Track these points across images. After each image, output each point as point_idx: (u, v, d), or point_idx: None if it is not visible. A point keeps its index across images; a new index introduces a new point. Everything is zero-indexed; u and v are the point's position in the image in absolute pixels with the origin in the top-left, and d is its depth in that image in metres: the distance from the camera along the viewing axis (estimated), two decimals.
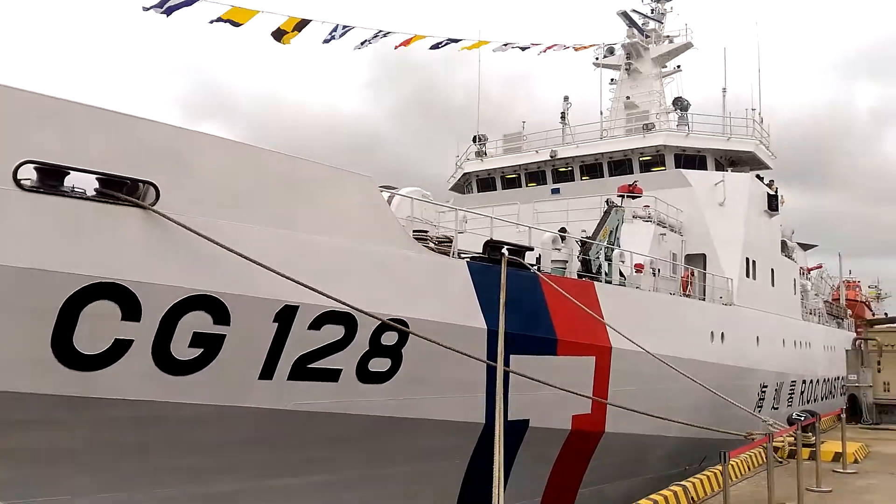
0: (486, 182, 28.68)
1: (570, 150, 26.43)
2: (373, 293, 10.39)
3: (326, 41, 18.38)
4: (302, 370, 10.17)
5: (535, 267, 14.67)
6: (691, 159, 25.05)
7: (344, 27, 18.66)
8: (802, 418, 13.65)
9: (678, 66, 32.54)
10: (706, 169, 25.09)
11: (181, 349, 9.00)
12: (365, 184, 10.56)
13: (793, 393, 28.30)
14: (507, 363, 13.01)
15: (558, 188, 25.75)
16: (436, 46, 22.49)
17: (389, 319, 10.58)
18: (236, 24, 16.38)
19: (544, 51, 27.56)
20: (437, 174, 30.77)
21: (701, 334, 19.50)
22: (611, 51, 33.16)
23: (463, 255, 13.17)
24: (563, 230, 18.03)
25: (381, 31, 19.72)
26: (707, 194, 23.70)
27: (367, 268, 10.50)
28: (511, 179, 28.08)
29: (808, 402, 30.68)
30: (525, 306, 13.39)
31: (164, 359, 8.94)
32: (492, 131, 29.64)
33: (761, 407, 24.65)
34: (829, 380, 34.23)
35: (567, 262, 16.38)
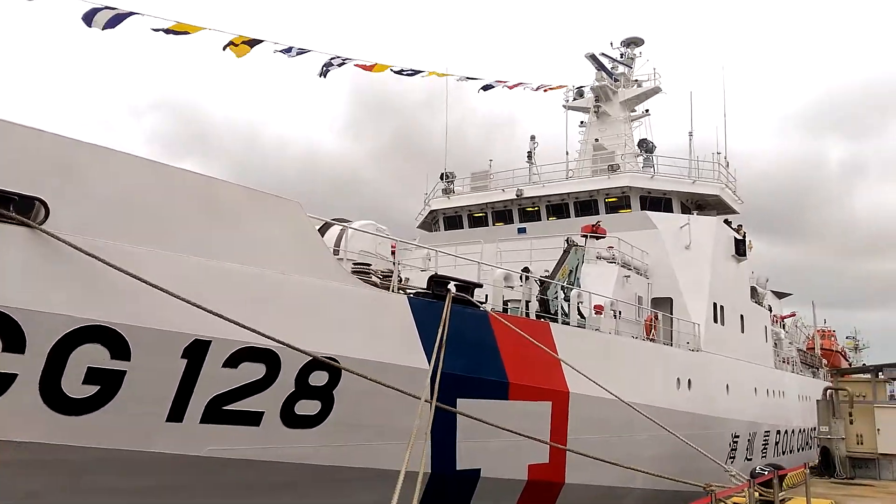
0: (452, 220, 28.09)
1: (536, 189, 25.97)
2: (299, 329, 9.53)
3: (284, 51, 17.83)
4: (217, 412, 9.23)
5: (489, 306, 13.89)
6: (657, 202, 24.64)
7: (299, 49, 18.13)
8: (766, 472, 12.78)
9: (646, 111, 32.51)
10: (672, 212, 24.67)
11: (74, 386, 8.07)
12: (291, 209, 9.79)
13: (767, 444, 27.47)
14: (453, 406, 12.16)
15: (524, 228, 25.17)
16: (399, 72, 22.04)
17: (318, 357, 9.72)
18: (179, 33, 15.87)
19: (511, 88, 27.24)
20: (416, 214, 30.07)
21: (666, 381, 18.73)
22: (580, 93, 33.13)
23: (407, 291, 12.38)
24: (526, 269, 17.37)
25: (337, 56, 19.20)
26: (673, 237, 23.22)
27: (292, 301, 9.66)
28: (478, 218, 27.52)
29: (783, 453, 29.84)
30: (473, 346, 12.58)
31: (54, 396, 7.99)
32: (466, 171, 29.24)
33: (733, 458, 23.76)
34: (804, 430, 33.44)
35: (528, 301, 15.68)
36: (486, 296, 13.74)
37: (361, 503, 11.31)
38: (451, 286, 12.43)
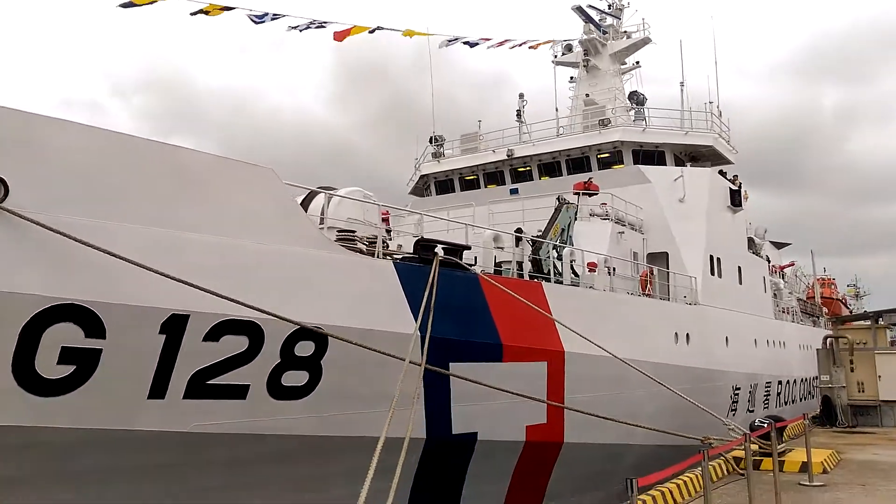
0: (444, 184, 27.73)
1: (526, 148, 25.57)
2: (280, 299, 9.29)
3: (256, 23, 17.36)
4: (200, 387, 9.03)
5: (480, 268, 13.66)
6: (650, 155, 24.26)
7: (274, 15, 17.64)
8: (765, 424, 12.63)
9: (637, 63, 31.95)
10: (665, 165, 24.30)
11: (48, 366, 7.84)
12: (265, 176, 9.47)
13: (769, 395, 27.46)
14: (446, 370, 12.00)
15: (517, 188, 24.82)
16: (375, 30, 21.47)
17: (302, 327, 9.49)
18: (143, 5, 15.43)
19: (497, 46, 26.65)
20: (407, 180, 29.66)
21: (664, 336, 18.57)
22: (569, 48, 32.48)
23: (394, 256, 12.13)
24: (519, 230, 17.09)
25: (314, 20, 18.70)
26: (667, 191, 22.88)
27: (271, 271, 9.39)
28: (470, 181, 27.16)
29: (785, 403, 29.88)
30: (464, 310, 12.36)
31: (28, 378, 7.77)
32: (459, 135, 28.69)
33: (735, 410, 23.75)
34: (806, 380, 33.48)
35: (521, 262, 15.44)
36: (476, 258, 13.47)
37: (355, 470, 11.20)
38: (439, 249, 12.19)
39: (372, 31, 21.48)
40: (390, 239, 15.13)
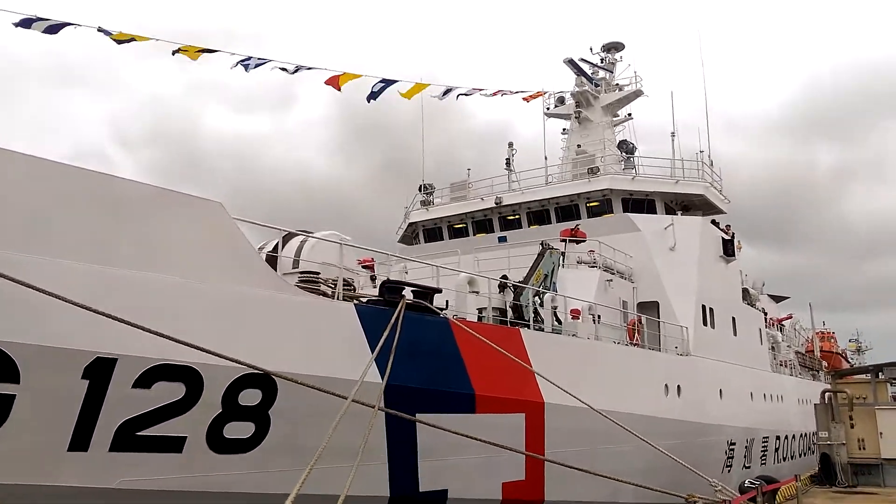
0: (432, 232, 27.20)
1: (515, 196, 25.10)
2: (223, 342, 8.56)
3: (244, 65, 17.03)
4: (129, 439, 8.25)
5: (452, 313, 12.95)
6: (639, 204, 23.76)
7: (259, 60, 17.32)
8: (755, 486, 11.74)
9: (629, 115, 31.74)
10: (655, 213, 23.78)
11: None
12: (211, 210, 8.87)
13: (766, 450, 26.38)
14: (413, 424, 11.19)
15: (505, 236, 24.25)
16: (372, 96, 21.07)
17: (246, 374, 8.75)
18: (121, 42, 15.14)
19: (490, 96, 26.42)
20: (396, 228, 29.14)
21: (652, 387, 17.72)
22: (561, 100, 32.36)
23: (358, 299, 11.43)
24: (504, 277, 16.43)
25: (301, 65, 18.38)
26: (657, 239, 22.29)
27: (213, 312, 8.71)
28: (459, 229, 26.63)
29: (783, 459, 28.73)
30: (433, 357, 11.62)
31: None
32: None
33: (730, 467, 22.70)
34: (806, 435, 32.31)
35: (503, 310, 14.75)
36: (447, 301, 12.78)
37: None
38: (407, 291, 11.53)
39: (370, 97, 21.07)
40: (374, 286, 14.46)
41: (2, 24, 13.81)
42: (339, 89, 19.44)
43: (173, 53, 16.41)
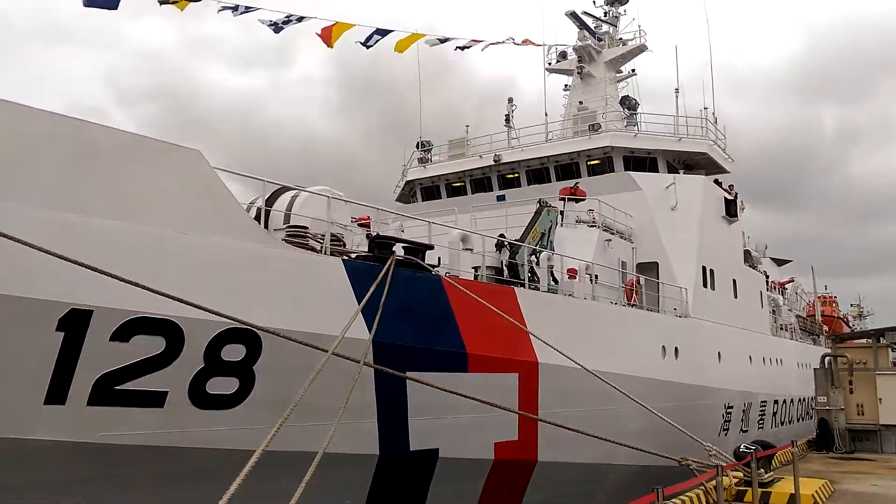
0: (430, 190, 26.79)
1: (514, 154, 24.63)
2: (204, 296, 8.29)
3: (231, 9, 16.48)
4: (108, 393, 8.03)
5: (445, 270, 12.66)
6: (641, 162, 23.28)
7: (246, 6, 16.75)
8: (750, 451, 11.54)
9: (633, 70, 31.04)
10: (658, 172, 23.32)
11: None
12: (189, 158, 8.51)
13: (763, 414, 26.32)
14: (403, 382, 10.97)
15: (503, 195, 23.82)
16: (366, 43, 20.55)
17: (229, 329, 8.50)
18: None
19: (486, 47, 25.76)
20: (394, 186, 28.69)
21: (650, 349, 17.50)
22: (563, 55, 31.62)
23: (349, 255, 11.13)
24: (502, 236, 16.10)
25: (291, 14, 17.80)
26: (658, 198, 21.87)
27: (193, 265, 8.41)
28: (457, 187, 26.22)
29: (781, 423, 28.71)
30: (424, 315, 11.37)
31: None
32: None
33: (727, 430, 22.64)
34: (804, 400, 32.29)
35: (499, 269, 14.46)
36: (439, 258, 12.47)
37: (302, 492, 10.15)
38: (397, 248, 11.23)
39: (364, 43, 20.54)
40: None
41: None
42: (331, 45, 18.92)
43: (161, 3, 15.85)
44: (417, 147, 27.47)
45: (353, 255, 11.06)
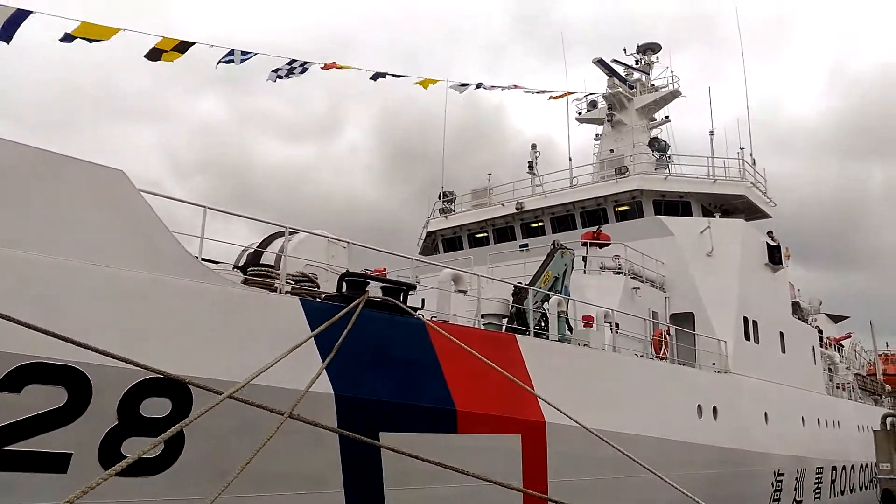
0: (451, 241, 25.53)
1: (538, 201, 23.27)
2: (118, 339, 7.02)
3: (225, 62, 15.75)
4: None
5: (430, 314, 11.21)
6: (673, 206, 21.63)
7: (243, 53, 16.00)
8: None
9: (666, 117, 29.61)
10: (691, 216, 21.62)
11: None
12: (109, 179, 7.35)
13: (820, 483, 23.64)
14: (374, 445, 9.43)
15: (526, 244, 22.35)
16: (376, 77, 19.82)
17: (149, 379, 7.18)
18: (92, 41, 13.88)
19: (510, 88, 24.78)
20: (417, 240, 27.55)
21: (683, 408, 15.56)
22: (593, 104, 30.45)
23: (313, 294, 9.78)
24: (518, 285, 14.63)
25: (295, 60, 17.03)
26: (692, 244, 20.13)
27: (108, 301, 7.16)
28: (479, 238, 24.91)
29: (841, 493, 25.85)
30: (403, 365, 9.87)
31: None
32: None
33: (778, 500, 20.21)
34: (867, 466, 29.27)
35: (514, 317, 12.94)
36: (423, 300, 11.03)
37: None
38: (376, 286, 9.86)
39: (374, 77, 19.89)
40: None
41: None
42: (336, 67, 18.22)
43: (148, 58, 15.15)
44: (440, 197, 26.41)
45: (321, 297, 9.69)
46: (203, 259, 8.65)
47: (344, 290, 9.49)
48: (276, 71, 17.46)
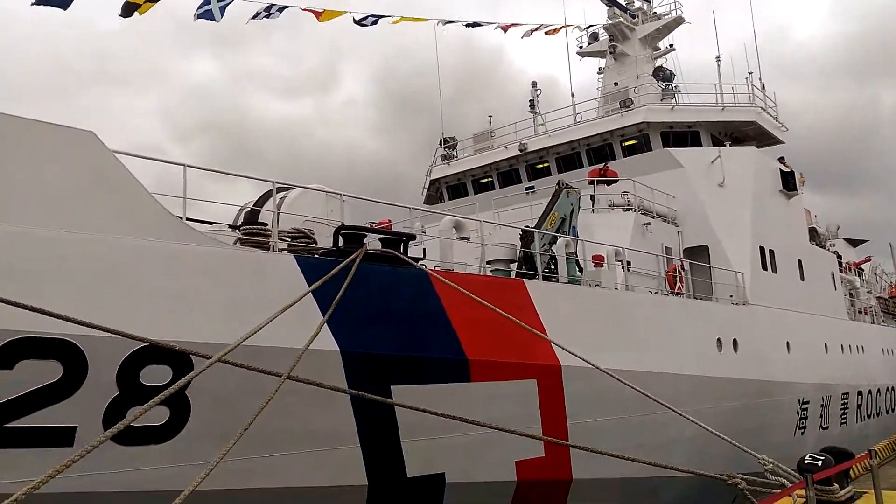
0: (456, 188, 25.12)
1: (541, 141, 22.72)
2: (114, 307, 6.82)
3: (200, 16, 15.24)
4: None
5: (434, 264, 10.94)
6: (682, 137, 21.02)
7: (221, 2, 15.46)
8: (819, 463, 9.31)
9: (671, 45, 28.66)
10: (701, 147, 21.02)
11: None
12: (81, 142, 7.04)
13: (846, 408, 23.47)
14: (387, 396, 9.29)
15: (532, 186, 21.91)
16: (360, 22, 19.29)
17: (145, 347, 6.99)
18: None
19: (505, 29, 24.06)
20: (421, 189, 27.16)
21: (702, 342, 15.31)
22: (594, 36, 29.54)
23: (307, 250, 9.51)
24: (525, 230, 14.31)
25: (273, 4, 16.48)
26: (703, 175, 19.59)
27: (92, 269, 6.93)
28: (484, 183, 24.47)
29: (868, 416, 25.70)
30: (408, 317, 9.65)
31: None
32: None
33: (804, 429, 20.07)
34: (893, 389, 29.08)
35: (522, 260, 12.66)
36: (424, 250, 10.74)
37: None
38: (374, 238, 9.58)
39: (358, 23, 19.36)
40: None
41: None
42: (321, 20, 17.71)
43: (121, 15, 14.67)
44: (441, 144, 25.90)
45: (317, 253, 9.43)
46: (195, 220, 8.40)
47: (340, 244, 9.21)
48: (255, 17, 17.01)
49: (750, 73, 22.55)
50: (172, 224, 7.61)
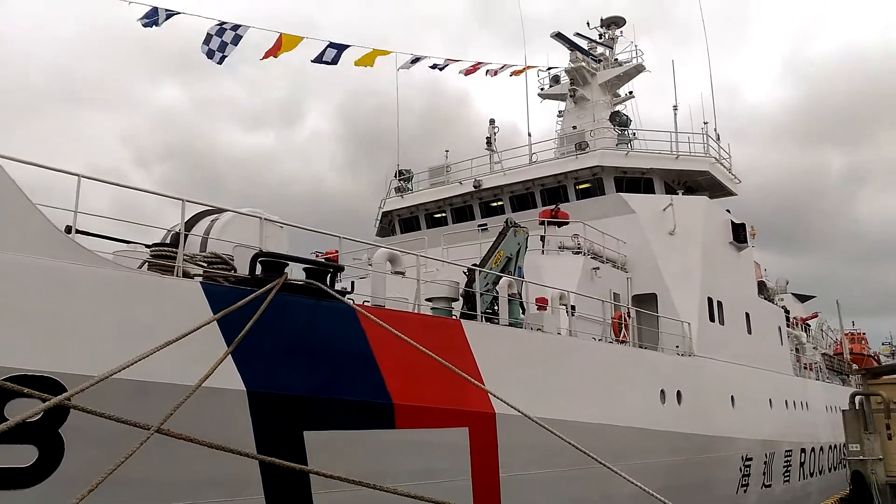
0: (408, 222, 24.52)
1: (496, 179, 22.32)
2: None
3: (147, 25, 14.50)
4: None
5: (364, 300, 10.21)
6: (635, 183, 20.82)
7: (167, 11, 14.74)
8: None
9: (630, 93, 28.79)
10: (654, 193, 20.84)
11: None
12: None
13: (789, 465, 23.19)
14: (300, 445, 8.48)
15: (485, 224, 21.42)
16: (318, 59, 18.62)
17: (12, 377, 6.10)
18: None
19: (468, 71, 23.80)
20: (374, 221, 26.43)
21: (645, 393, 14.79)
22: (556, 79, 29.51)
23: (223, 280, 8.71)
24: (474, 265, 13.67)
25: (224, 23, 15.76)
26: (654, 222, 19.36)
27: None
28: (437, 218, 23.93)
29: (811, 475, 25.48)
30: (328, 355, 8.87)
31: None
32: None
33: (746, 486, 19.65)
34: (836, 447, 28.97)
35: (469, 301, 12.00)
36: (353, 283, 10.01)
37: None
38: (293, 268, 8.83)
39: (316, 60, 18.64)
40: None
41: None
42: (277, 56, 16.97)
43: None
44: (396, 176, 25.35)
45: (231, 281, 8.63)
46: (90, 234, 7.57)
47: (259, 272, 8.43)
48: (206, 43, 16.20)
49: (705, 123, 22.61)
50: (59, 240, 6.75)
